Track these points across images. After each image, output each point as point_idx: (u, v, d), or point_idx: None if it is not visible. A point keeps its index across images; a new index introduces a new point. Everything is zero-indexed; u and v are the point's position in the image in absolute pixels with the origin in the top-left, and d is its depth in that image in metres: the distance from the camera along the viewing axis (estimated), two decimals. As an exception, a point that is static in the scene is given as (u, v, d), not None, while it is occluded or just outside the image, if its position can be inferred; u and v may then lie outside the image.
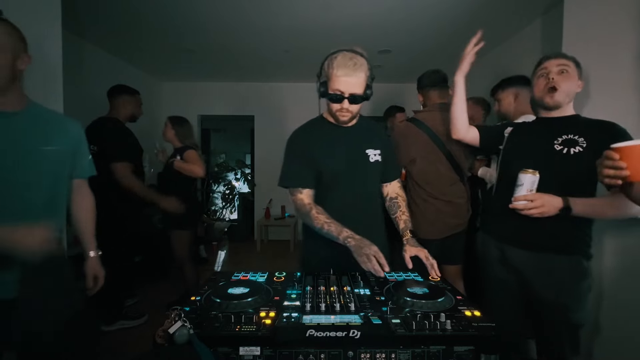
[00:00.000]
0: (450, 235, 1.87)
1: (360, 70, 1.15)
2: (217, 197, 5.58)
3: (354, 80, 1.15)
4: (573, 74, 1.24)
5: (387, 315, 0.81)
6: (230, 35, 3.24)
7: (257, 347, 0.72)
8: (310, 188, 1.27)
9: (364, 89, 1.18)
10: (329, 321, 0.76)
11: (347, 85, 1.15)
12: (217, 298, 0.88)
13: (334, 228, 1.14)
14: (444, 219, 1.83)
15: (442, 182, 1.83)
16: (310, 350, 0.73)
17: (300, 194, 1.26)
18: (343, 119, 1.25)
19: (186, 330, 0.70)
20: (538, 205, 1.14)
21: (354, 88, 1.16)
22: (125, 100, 2.48)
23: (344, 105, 1.19)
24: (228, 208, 5.57)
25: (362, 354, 0.73)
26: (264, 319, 0.79)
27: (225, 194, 5.52)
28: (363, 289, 0.99)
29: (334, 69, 1.16)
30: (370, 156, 1.32)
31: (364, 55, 1.19)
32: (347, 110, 1.21)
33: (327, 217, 1.18)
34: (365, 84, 1.18)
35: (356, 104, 1.21)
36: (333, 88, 1.18)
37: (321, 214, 1.19)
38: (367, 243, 1.07)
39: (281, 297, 0.91)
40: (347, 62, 1.14)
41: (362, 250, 1.04)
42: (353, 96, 1.17)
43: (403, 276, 1.12)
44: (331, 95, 1.20)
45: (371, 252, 1.02)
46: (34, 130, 1.08)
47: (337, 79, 1.15)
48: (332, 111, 1.26)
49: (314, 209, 1.21)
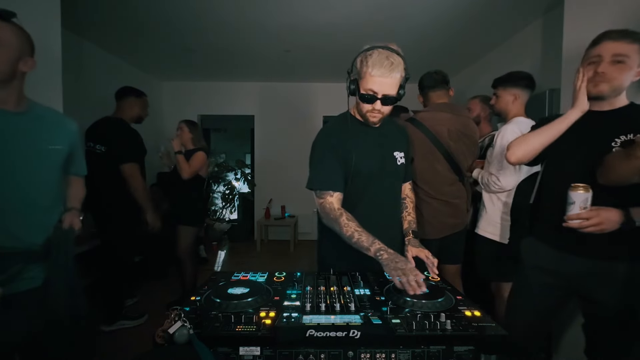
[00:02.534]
0: (449, 235, 1.87)
1: (397, 71, 1.08)
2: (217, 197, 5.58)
3: (389, 81, 1.09)
4: (632, 63, 1.05)
5: (387, 315, 0.81)
6: (230, 35, 3.24)
7: (257, 347, 0.72)
8: (340, 192, 1.19)
9: (397, 89, 1.13)
10: (329, 321, 0.76)
11: (381, 85, 1.09)
12: (217, 298, 0.88)
13: (365, 238, 1.07)
14: (442, 218, 1.83)
15: (440, 182, 1.83)
16: (310, 350, 0.73)
17: (330, 197, 1.16)
18: (373, 119, 1.19)
19: (186, 330, 0.70)
20: (595, 223, 1.03)
21: (388, 89, 1.10)
22: (132, 101, 2.52)
23: (376, 106, 1.14)
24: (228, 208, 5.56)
25: (362, 354, 0.73)
26: (264, 319, 0.79)
27: (225, 194, 5.51)
28: (363, 289, 0.99)
29: (368, 68, 1.08)
30: (398, 158, 1.30)
31: (400, 54, 1.11)
32: (379, 111, 1.16)
33: (357, 226, 1.10)
34: (400, 84, 1.12)
35: (388, 106, 1.15)
36: (366, 88, 1.12)
37: (352, 221, 1.11)
38: (402, 259, 1.00)
39: (281, 297, 0.91)
40: (384, 62, 1.07)
41: (398, 265, 0.97)
42: (386, 97, 1.12)
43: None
44: (363, 95, 1.13)
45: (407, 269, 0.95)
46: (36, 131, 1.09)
47: (371, 78, 1.09)
48: (361, 111, 1.20)
49: (344, 215, 1.13)
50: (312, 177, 1.21)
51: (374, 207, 1.26)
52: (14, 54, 1.02)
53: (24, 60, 1.05)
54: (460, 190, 1.88)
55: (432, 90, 1.90)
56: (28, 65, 1.07)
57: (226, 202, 5.50)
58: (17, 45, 1.02)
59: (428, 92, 1.92)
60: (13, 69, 1.03)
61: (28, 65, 1.07)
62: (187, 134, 2.73)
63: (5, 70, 1.01)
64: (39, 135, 1.09)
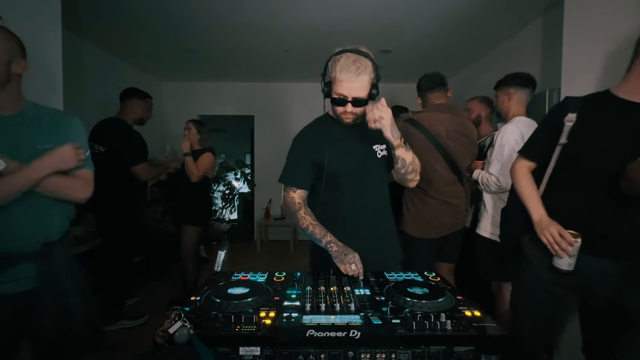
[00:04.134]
0: (447, 234, 1.87)
1: (364, 74, 1.12)
2: (217, 197, 5.58)
3: (356, 85, 1.13)
4: None
5: (387, 315, 0.81)
6: (230, 35, 3.25)
7: (257, 347, 0.72)
8: (304, 189, 1.27)
9: (368, 91, 1.16)
10: (329, 321, 0.76)
11: (350, 89, 1.14)
12: (217, 298, 0.87)
13: (318, 231, 1.15)
14: (440, 218, 1.84)
15: (439, 181, 1.83)
16: (310, 350, 0.73)
17: (293, 193, 1.26)
18: (347, 121, 1.24)
19: (186, 330, 0.70)
20: None
21: (357, 92, 1.14)
22: (135, 103, 2.53)
23: (347, 108, 1.18)
24: (228, 208, 5.56)
25: (362, 354, 0.73)
26: (264, 319, 0.79)
27: (225, 194, 5.52)
28: (363, 289, 0.98)
29: (336, 73, 1.14)
30: (377, 152, 1.31)
31: (368, 56, 1.15)
32: (351, 113, 1.20)
33: (313, 219, 1.19)
34: (370, 85, 1.16)
35: (360, 107, 1.19)
36: (336, 92, 1.16)
37: (309, 215, 1.20)
38: (350, 251, 1.08)
39: (281, 297, 0.91)
40: (350, 67, 1.11)
41: (347, 257, 1.06)
42: (356, 99, 1.15)
43: (403, 276, 1.12)
44: (334, 99, 1.18)
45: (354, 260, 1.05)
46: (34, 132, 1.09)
47: (340, 83, 1.14)
48: (336, 113, 1.25)
49: (303, 209, 1.22)
50: (282, 172, 1.30)
51: (353, 203, 1.28)
52: (4, 58, 1.02)
53: (16, 62, 1.06)
54: (459, 190, 1.88)
55: (430, 92, 1.90)
56: (20, 66, 1.07)
57: (226, 202, 5.51)
58: (6, 49, 1.03)
59: (426, 93, 1.92)
60: (6, 73, 1.04)
61: (20, 67, 1.07)
62: (195, 134, 2.73)
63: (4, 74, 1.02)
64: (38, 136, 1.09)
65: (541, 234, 1.18)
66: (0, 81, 1.03)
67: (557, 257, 1.16)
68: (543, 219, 1.20)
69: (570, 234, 1.12)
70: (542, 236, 1.18)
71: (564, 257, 1.14)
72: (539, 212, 1.22)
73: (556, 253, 1.15)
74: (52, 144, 1.10)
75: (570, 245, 1.11)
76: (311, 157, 1.26)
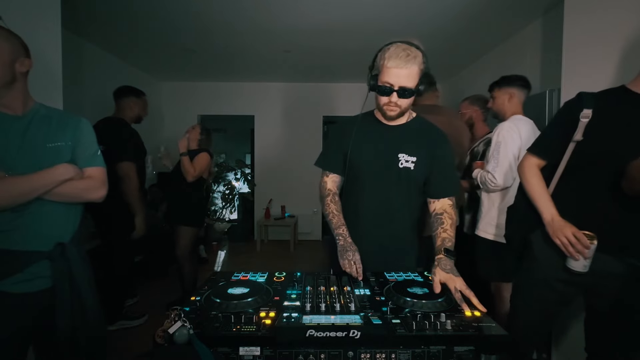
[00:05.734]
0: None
1: (413, 63, 1.08)
2: (217, 197, 5.58)
3: (405, 72, 1.08)
4: None
5: (387, 315, 0.81)
6: (230, 35, 3.25)
7: (257, 347, 0.72)
8: (336, 174, 1.31)
9: (416, 82, 1.12)
10: (329, 321, 0.76)
11: (397, 77, 1.09)
12: (217, 298, 0.87)
13: (335, 220, 1.20)
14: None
15: None
16: (310, 351, 0.73)
17: (327, 177, 1.32)
18: (391, 113, 1.18)
19: (186, 330, 0.70)
20: None
21: (404, 81, 1.10)
22: (132, 101, 2.51)
23: (392, 98, 1.13)
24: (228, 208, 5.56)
25: (362, 354, 0.73)
26: (264, 319, 0.79)
27: (225, 194, 5.52)
28: (363, 289, 0.98)
29: (385, 60, 1.10)
30: (401, 161, 1.21)
31: (419, 48, 1.12)
32: (395, 104, 1.14)
33: (336, 209, 1.24)
34: (418, 77, 1.12)
35: (406, 99, 1.14)
36: (382, 80, 1.12)
37: (334, 203, 1.25)
38: (354, 249, 1.10)
39: (281, 297, 0.91)
40: (400, 53, 1.08)
41: (347, 254, 1.07)
42: (403, 89, 1.11)
43: (403, 276, 1.12)
44: (380, 88, 1.14)
45: (353, 259, 1.06)
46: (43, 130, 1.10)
47: (387, 70, 1.10)
48: (379, 105, 1.19)
49: (330, 196, 1.27)
50: (319, 156, 1.37)
51: (368, 203, 1.26)
52: (7, 58, 1.02)
53: (20, 61, 1.06)
54: None
55: None
56: (25, 65, 1.07)
57: (226, 202, 5.51)
58: (8, 48, 1.03)
59: None
60: (10, 72, 1.04)
61: (25, 66, 1.07)
62: (197, 134, 2.72)
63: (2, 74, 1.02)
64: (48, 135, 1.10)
65: (554, 236, 1.15)
66: (6, 80, 1.03)
67: (571, 258, 1.13)
68: (555, 219, 1.17)
69: (586, 235, 1.09)
70: (556, 238, 1.15)
71: (580, 259, 1.11)
72: (551, 211, 1.19)
73: (571, 255, 1.12)
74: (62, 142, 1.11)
75: (586, 248, 1.09)
76: (340, 145, 1.29)
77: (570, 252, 1.11)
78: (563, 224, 1.15)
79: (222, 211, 5.52)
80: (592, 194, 1.16)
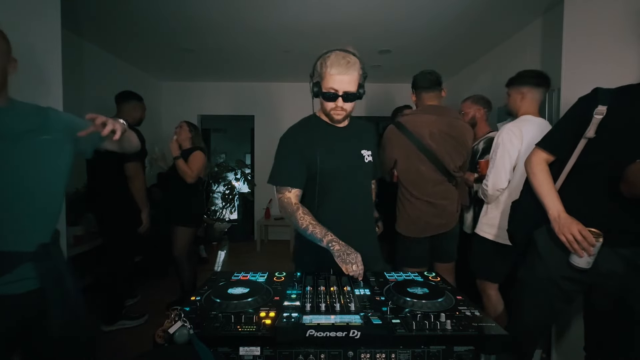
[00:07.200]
0: (436, 234, 1.86)
1: (354, 69, 1.17)
2: (217, 197, 5.58)
3: (347, 78, 1.16)
4: None
5: (387, 315, 0.81)
6: (230, 35, 3.24)
7: (257, 347, 0.72)
8: (299, 188, 1.25)
9: (357, 87, 1.19)
10: (329, 321, 0.76)
11: (341, 83, 1.17)
12: (217, 298, 0.88)
13: (319, 230, 1.13)
14: (425, 218, 1.84)
15: (424, 182, 1.84)
16: (310, 350, 0.73)
17: (289, 193, 1.23)
18: (337, 117, 1.25)
19: (186, 330, 0.70)
20: None
21: (347, 86, 1.17)
22: (135, 105, 2.57)
23: (338, 103, 1.20)
24: (228, 208, 5.56)
25: (362, 354, 0.73)
26: (264, 319, 0.79)
27: (225, 194, 5.52)
28: (363, 289, 0.99)
29: (327, 68, 1.17)
30: (365, 156, 1.34)
31: (356, 55, 1.20)
32: (342, 108, 1.22)
33: (312, 219, 1.16)
34: (358, 82, 1.20)
35: (350, 102, 1.21)
36: (327, 87, 1.19)
37: (307, 214, 1.18)
38: (352, 250, 1.07)
39: (281, 297, 0.91)
40: (341, 61, 1.16)
41: (349, 257, 1.04)
42: (347, 94, 1.18)
43: (403, 276, 1.12)
44: (325, 94, 1.21)
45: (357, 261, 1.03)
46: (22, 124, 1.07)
47: (330, 77, 1.17)
48: (326, 110, 1.26)
49: (301, 209, 1.19)
50: (273, 173, 1.27)
51: (344, 204, 1.29)
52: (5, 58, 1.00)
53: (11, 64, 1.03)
54: (448, 191, 1.87)
55: (425, 92, 1.89)
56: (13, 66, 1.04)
57: (226, 202, 5.51)
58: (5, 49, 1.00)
59: (420, 92, 1.91)
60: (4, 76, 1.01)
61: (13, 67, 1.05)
62: (186, 132, 2.71)
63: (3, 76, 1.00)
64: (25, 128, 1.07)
65: (560, 233, 1.15)
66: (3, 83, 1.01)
67: (575, 254, 1.13)
68: (562, 215, 1.16)
69: (592, 233, 1.09)
70: (562, 235, 1.14)
71: (584, 256, 1.11)
72: (557, 207, 1.18)
73: (575, 252, 1.12)
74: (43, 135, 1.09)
75: (592, 246, 1.09)
76: (302, 155, 1.24)
77: (576, 249, 1.11)
78: (570, 220, 1.14)
79: (222, 211, 5.52)
80: (601, 192, 1.14)
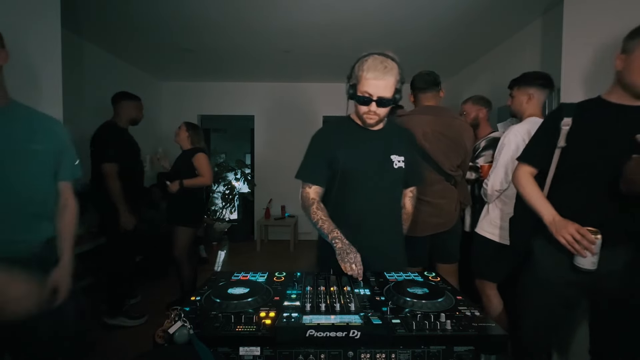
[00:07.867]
0: (436, 234, 1.86)
1: (390, 74, 1.16)
2: (217, 197, 5.58)
3: (383, 83, 1.15)
4: None
5: (387, 315, 0.81)
6: (230, 35, 3.24)
7: (257, 347, 0.72)
8: (319, 185, 1.29)
9: (392, 92, 1.19)
10: (329, 321, 0.76)
11: (376, 88, 1.16)
12: (217, 298, 0.88)
13: (327, 226, 1.17)
14: (423, 218, 1.84)
15: None
16: (310, 350, 0.73)
17: (309, 188, 1.29)
18: (370, 121, 1.25)
19: (186, 330, 0.70)
20: None
21: (382, 91, 1.17)
22: (128, 104, 2.56)
23: (372, 107, 1.20)
24: (228, 208, 5.56)
25: (362, 354, 0.73)
26: (264, 319, 0.79)
27: (225, 194, 5.52)
28: (363, 289, 0.99)
29: (364, 72, 1.17)
30: (395, 162, 1.31)
31: (395, 60, 1.19)
32: (375, 113, 1.21)
33: (324, 215, 1.21)
34: (395, 87, 1.19)
35: (384, 107, 1.21)
36: (362, 90, 1.18)
37: (320, 210, 1.23)
38: (353, 250, 1.08)
39: (281, 297, 0.91)
40: (378, 65, 1.15)
41: (348, 256, 1.06)
42: (381, 99, 1.18)
43: (403, 276, 1.12)
44: (359, 98, 1.20)
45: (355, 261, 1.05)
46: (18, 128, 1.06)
47: (366, 81, 1.16)
48: (359, 113, 1.26)
49: (316, 204, 1.24)
50: (299, 169, 1.33)
51: (367, 206, 1.30)
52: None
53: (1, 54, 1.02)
54: (446, 190, 1.87)
55: (422, 92, 1.89)
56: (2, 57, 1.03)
57: (226, 202, 5.51)
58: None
59: (418, 93, 1.92)
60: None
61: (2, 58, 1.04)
62: (183, 132, 2.71)
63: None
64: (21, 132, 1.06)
65: (558, 235, 1.15)
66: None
67: (579, 256, 1.12)
68: (556, 218, 1.18)
69: (590, 231, 1.10)
70: (560, 237, 1.14)
71: (587, 256, 1.11)
72: (550, 212, 1.20)
73: (578, 253, 1.12)
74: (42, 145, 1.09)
75: (592, 244, 1.09)
76: (327, 154, 1.28)
77: (577, 249, 1.11)
78: (565, 222, 1.16)
79: (222, 211, 5.52)
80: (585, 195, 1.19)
